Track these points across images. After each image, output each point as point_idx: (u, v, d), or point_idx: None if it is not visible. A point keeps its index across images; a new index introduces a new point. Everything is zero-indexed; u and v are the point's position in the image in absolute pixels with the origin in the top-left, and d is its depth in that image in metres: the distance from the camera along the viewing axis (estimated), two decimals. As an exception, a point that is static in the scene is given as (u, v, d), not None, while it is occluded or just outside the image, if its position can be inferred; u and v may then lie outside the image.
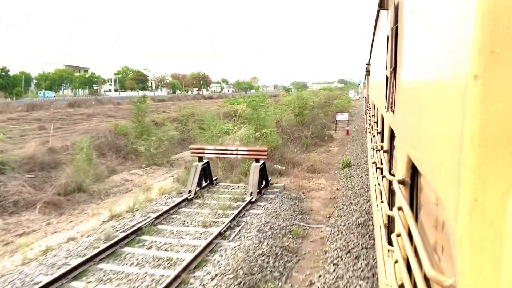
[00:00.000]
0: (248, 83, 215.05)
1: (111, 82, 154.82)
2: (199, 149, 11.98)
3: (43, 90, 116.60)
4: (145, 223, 8.93)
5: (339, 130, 30.52)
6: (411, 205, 1.82)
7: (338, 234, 8.82)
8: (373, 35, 8.59)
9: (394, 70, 2.58)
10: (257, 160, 11.63)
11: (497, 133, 0.74)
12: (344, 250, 7.86)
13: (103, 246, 7.73)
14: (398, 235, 1.73)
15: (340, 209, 10.77)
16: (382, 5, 3.72)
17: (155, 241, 8.27)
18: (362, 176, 14.10)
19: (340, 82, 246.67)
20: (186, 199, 11.04)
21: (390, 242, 2.06)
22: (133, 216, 10.00)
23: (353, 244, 8.04)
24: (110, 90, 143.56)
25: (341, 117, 28.77)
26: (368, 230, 8.66)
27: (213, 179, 13.17)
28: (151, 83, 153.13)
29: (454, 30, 0.96)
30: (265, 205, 10.70)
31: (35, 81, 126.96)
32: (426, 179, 1.35)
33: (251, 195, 10.98)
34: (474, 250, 0.77)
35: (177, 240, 8.34)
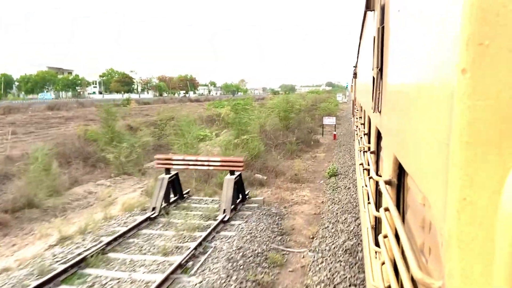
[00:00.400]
0: (236, 86, 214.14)
1: (96, 84, 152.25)
2: (165, 159, 10.54)
3: (23, 92, 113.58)
4: (93, 251, 7.46)
5: (326, 134, 29.39)
6: (397, 206, 1.79)
7: (322, 262, 7.49)
8: (360, 37, 8.54)
9: (381, 70, 2.56)
10: (232, 172, 10.26)
11: (486, 129, 0.71)
12: (329, 285, 6.53)
13: (33, 284, 6.26)
14: (385, 236, 1.69)
15: (325, 228, 9.46)
16: (369, 6, 3.69)
17: (100, 276, 6.80)
18: (349, 188, 12.82)
19: (328, 85, 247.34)
20: (149, 217, 9.59)
21: (377, 244, 2.04)
22: (83, 240, 8.50)
23: (340, 277, 6.72)
24: (94, 93, 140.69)
25: (328, 121, 27.60)
26: (357, 258, 7.35)
27: (184, 192, 11.73)
28: (137, 86, 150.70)
29: (441, 23, 0.93)
30: (240, 224, 9.32)
31: (17, 83, 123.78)
32: (413, 179, 1.33)
33: (224, 212, 9.59)
34: (464, 251, 0.74)
35: (127, 273, 6.89)
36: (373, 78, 3.00)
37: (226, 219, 9.41)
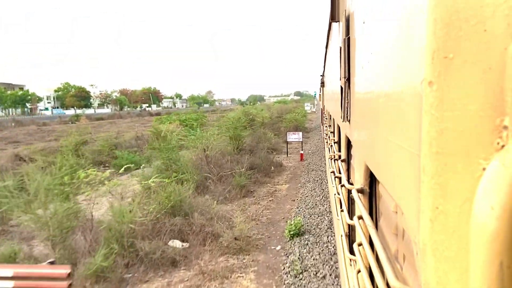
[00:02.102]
0: (203, 98, 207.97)
1: (50, 100, 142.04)
2: None
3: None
4: None
5: (292, 152, 23.97)
6: (370, 214, 1.79)
7: None
8: (326, 47, 8.55)
9: (348, 80, 2.61)
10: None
11: (455, 140, 0.72)
12: None
13: None
14: (360, 244, 1.72)
15: None
16: (334, 17, 3.74)
17: None
18: (325, 276, 7.06)
19: (296, 94, 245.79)
20: None
21: (351, 251, 2.07)
22: None
23: None
24: (47, 109, 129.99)
25: (293, 137, 22.15)
26: None
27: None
28: (94, 100, 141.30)
29: (406, 36, 0.95)
30: None
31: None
32: (384, 187, 1.35)
33: None
34: (439, 260, 0.73)
35: None
36: (341, 87, 3.01)
37: None
